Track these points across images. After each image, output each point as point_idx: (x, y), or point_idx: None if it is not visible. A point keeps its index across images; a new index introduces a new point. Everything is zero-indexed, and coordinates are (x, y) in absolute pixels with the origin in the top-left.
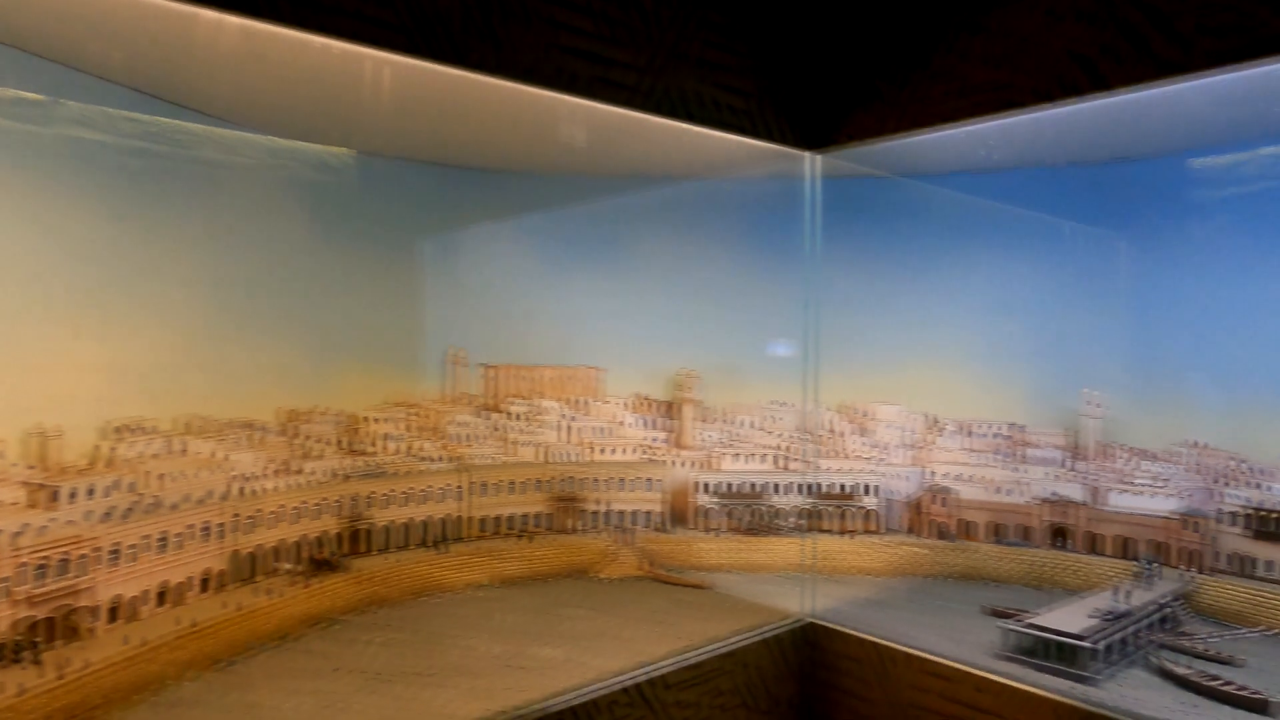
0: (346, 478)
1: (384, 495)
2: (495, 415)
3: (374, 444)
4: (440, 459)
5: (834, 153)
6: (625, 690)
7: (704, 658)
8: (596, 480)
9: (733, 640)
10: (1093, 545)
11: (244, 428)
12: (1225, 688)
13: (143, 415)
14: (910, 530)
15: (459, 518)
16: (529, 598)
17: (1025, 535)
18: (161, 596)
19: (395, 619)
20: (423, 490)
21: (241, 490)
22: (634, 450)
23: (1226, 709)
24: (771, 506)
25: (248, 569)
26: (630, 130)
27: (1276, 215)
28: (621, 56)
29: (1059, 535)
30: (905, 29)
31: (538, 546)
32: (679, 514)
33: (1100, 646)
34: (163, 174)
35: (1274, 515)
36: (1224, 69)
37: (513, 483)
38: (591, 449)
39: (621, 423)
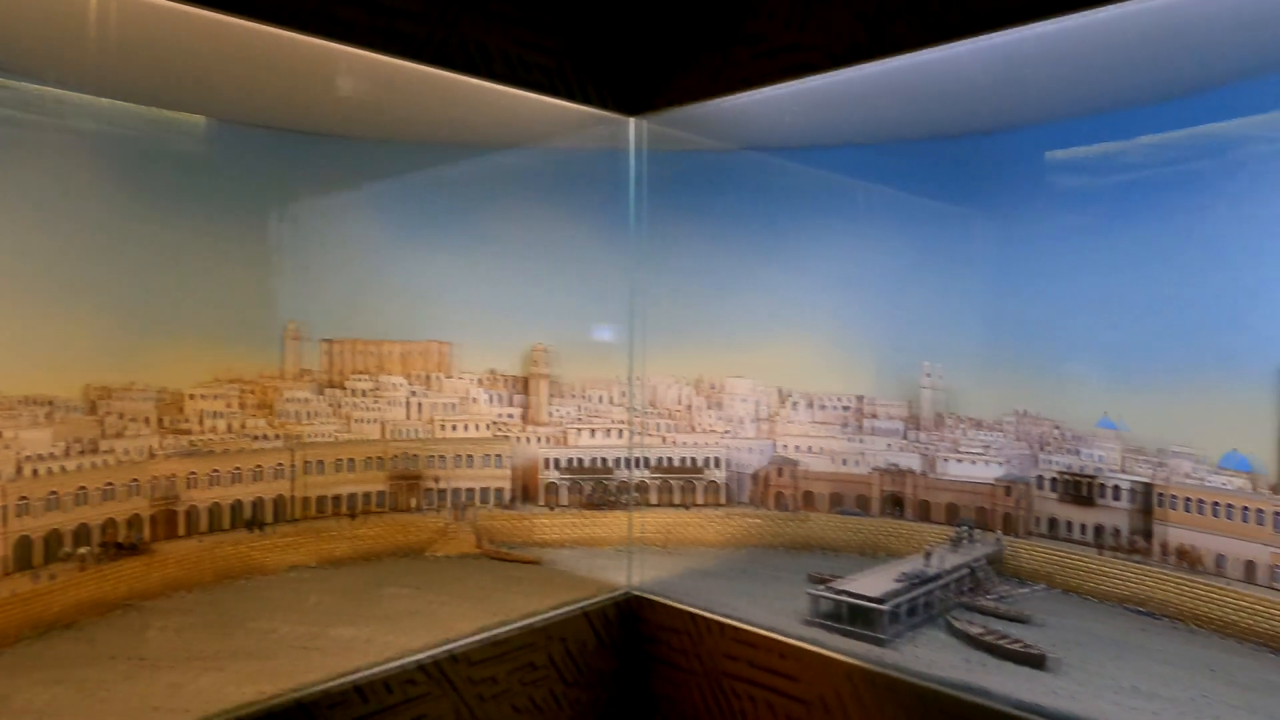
0: (164, 456)
1: (203, 475)
2: (337, 392)
3: (197, 422)
4: (272, 437)
5: (655, 117)
6: (421, 668)
7: (513, 632)
8: (441, 457)
9: (548, 614)
10: (924, 513)
11: (41, 405)
12: (1007, 644)
13: None
14: (756, 502)
15: (288, 498)
16: (350, 578)
17: (863, 505)
18: None
19: (196, 603)
20: (248, 469)
21: (35, 471)
22: (485, 427)
23: (1008, 664)
24: (619, 481)
25: (35, 554)
26: (456, 95)
27: (1143, 201)
28: (409, 5)
29: (894, 504)
30: None
31: (370, 525)
32: (528, 490)
33: (896, 609)
34: None
35: (1081, 479)
36: (1004, 29)
37: (350, 460)
38: (440, 426)
39: (472, 399)
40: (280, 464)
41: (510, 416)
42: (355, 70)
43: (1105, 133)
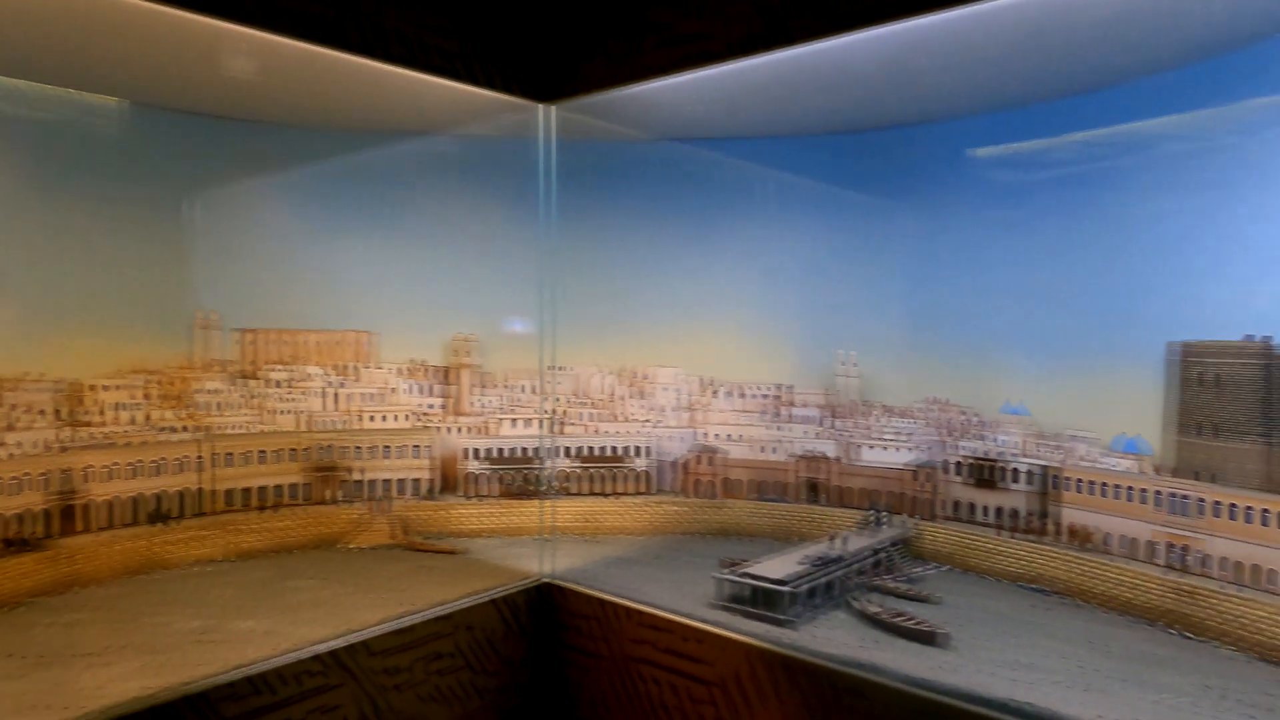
0: (62, 450)
1: (107, 468)
2: (252, 382)
3: (101, 413)
4: (182, 429)
5: (566, 105)
6: (319, 658)
7: (419, 621)
8: (360, 448)
9: (457, 603)
10: (841, 498)
11: None
12: (903, 622)
13: None
14: (679, 490)
15: (197, 490)
16: (259, 571)
17: (783, 491)
18: None
19: (93, 599)
20: (155, 462)
21: None
22: (407, 417)
23: (903, 642)
24: (548, 470)
25: None
26: (362, 79)
27: (1068, 196)
28: None
29: (813, 490)
30: None
31: (285, 518)
32: (450, 481)
33: (798, 591)
34: None
35: (985, 464)
36: (901, 19)
37: (264, 452)
38: (360, 416)
39: (393, 389)
40: (190, 456)
41: (433, 407)
42: (256, 51)
43: (1030, 127)
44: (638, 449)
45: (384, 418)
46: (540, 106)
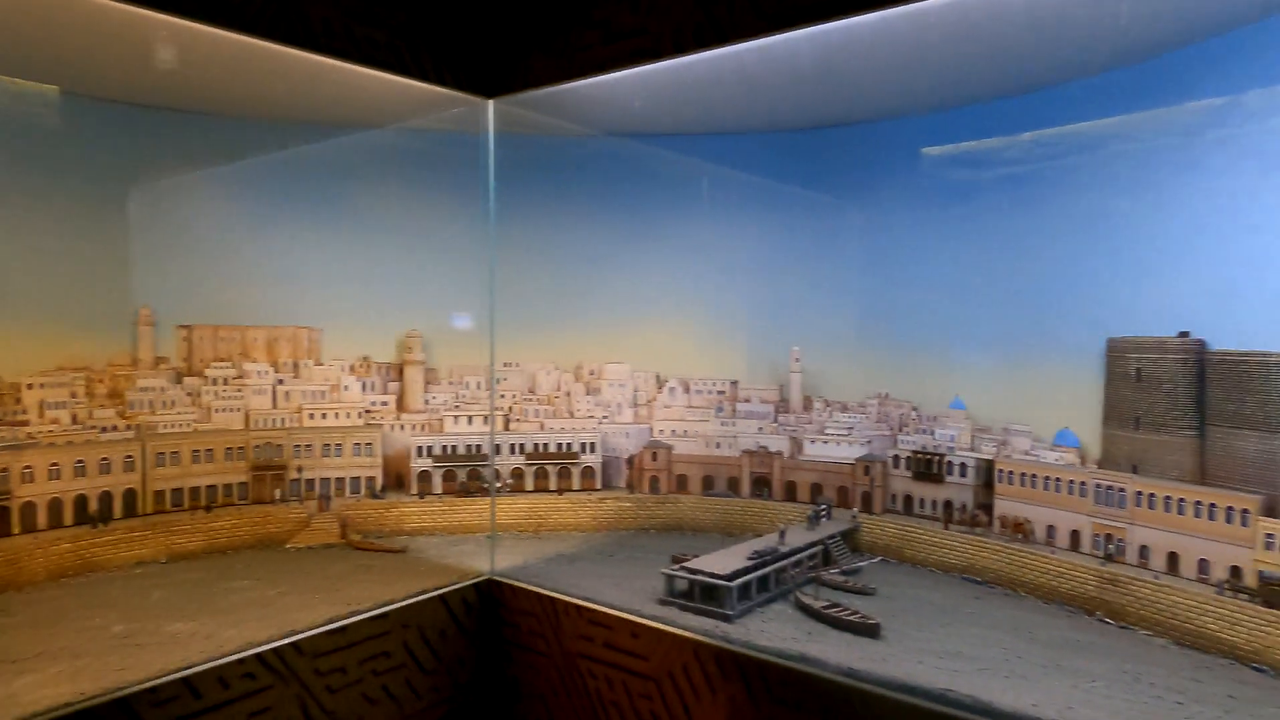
0: None
1: (40, 469)
2: (195, 380)
3: (37, 413)
4: (122, 427)
5: (512, 101)
6: (260, 660)
7: (363, 621)
8: (305, 446)
9: (402, 602)
10: (790, 493)
11: None
12: (841, 614)
13: None
14: (629, 486)
15: (138, 491)
16: (199, 572)
17: (733, 486)
18: None
19: (23, 602)
20: (93, 462)
21: None
22: (354, 414)
23: (844, 634)
24: (494, 468)
25: None
26: (308, 72)
27: (1020, 195)
28: None
29: (761, 484)
30: None
31: (228, 517)
32: (400, 478)
33: (743, 586)
34: None
35: (931, 458)
36: (839, 18)
37: (208, 451)
38: (308, 414)
39: (343, 386)
40: (129, 456)
41: (383, 404)
42: (191, 41)
43: (980, 126)
44: (587, 445)
45: (330, 415)
46: (484, 101)
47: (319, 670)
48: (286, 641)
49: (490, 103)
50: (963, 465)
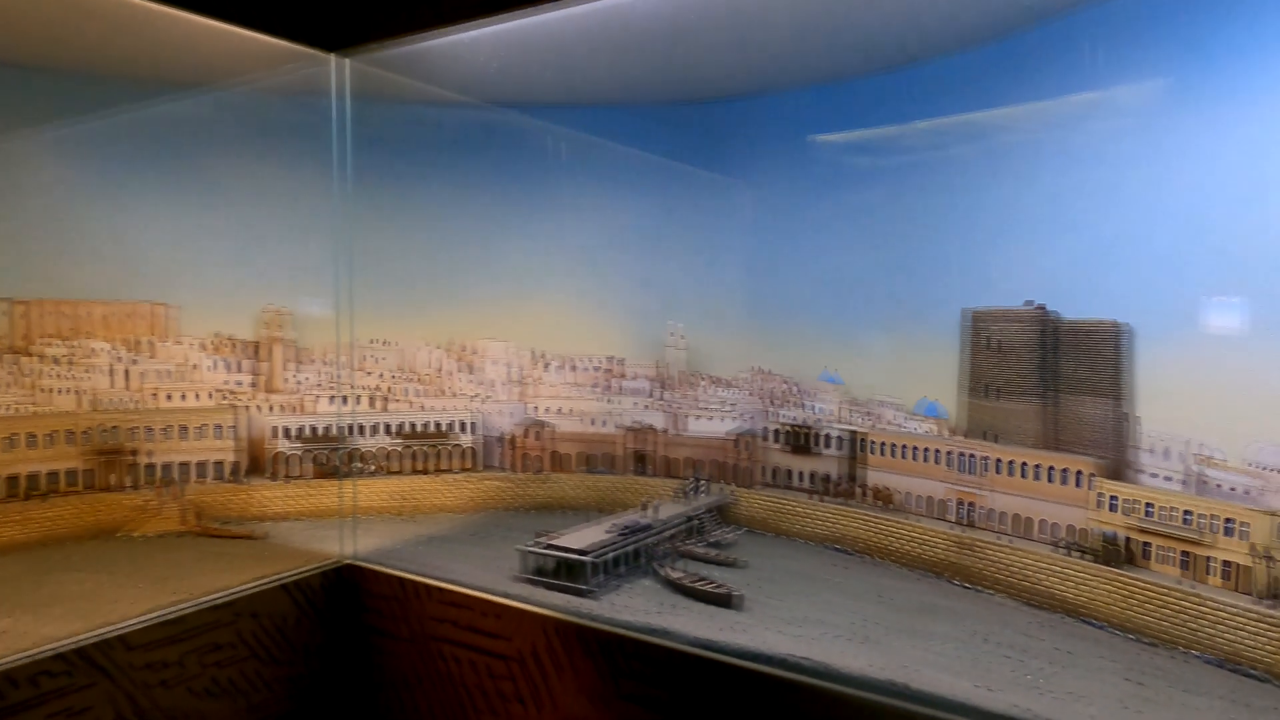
0: None
1: None
2: (24, 359)
3: None
4: None
5: (362, 58)
6: (61, 657)
7: (190, 611)
8: (154, 429)
9: (238, 590)
10: (668, 468)
11: None
12: (701, 586)
13: None
14: (507, 465)
15: None
16: (18, 565)
17: (611, 463)
18: None
19: None
20: None
21: None
22: (211, 395)
23: (701, 605)
24: (357, 449)
25: None
26: (135, 17)
27: (905, 179)
28: None
29: (640, 461)
30: None
31: (59, 506)
32: (259, 461)
33: (602, 560)
34: None
35: (801, 430)
36: None
37: (36, 436)
38: (156, 395)
39: (195, 365)
40: None
41: (240, 384)
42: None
43: (866, 105)
44: (463, 424)
45: (183, 396)
46: (331, 57)
47: (138, 664)
48: (106, 635)
49: (336, 58)
50: (830, 437)
